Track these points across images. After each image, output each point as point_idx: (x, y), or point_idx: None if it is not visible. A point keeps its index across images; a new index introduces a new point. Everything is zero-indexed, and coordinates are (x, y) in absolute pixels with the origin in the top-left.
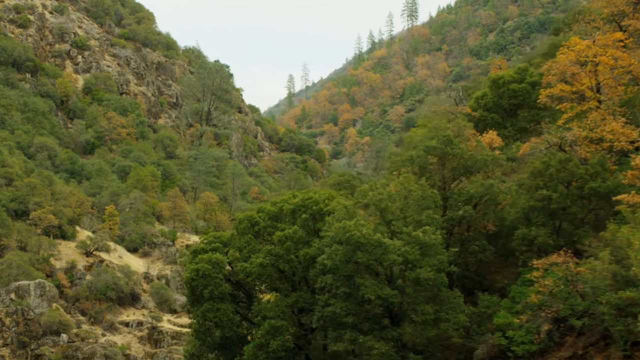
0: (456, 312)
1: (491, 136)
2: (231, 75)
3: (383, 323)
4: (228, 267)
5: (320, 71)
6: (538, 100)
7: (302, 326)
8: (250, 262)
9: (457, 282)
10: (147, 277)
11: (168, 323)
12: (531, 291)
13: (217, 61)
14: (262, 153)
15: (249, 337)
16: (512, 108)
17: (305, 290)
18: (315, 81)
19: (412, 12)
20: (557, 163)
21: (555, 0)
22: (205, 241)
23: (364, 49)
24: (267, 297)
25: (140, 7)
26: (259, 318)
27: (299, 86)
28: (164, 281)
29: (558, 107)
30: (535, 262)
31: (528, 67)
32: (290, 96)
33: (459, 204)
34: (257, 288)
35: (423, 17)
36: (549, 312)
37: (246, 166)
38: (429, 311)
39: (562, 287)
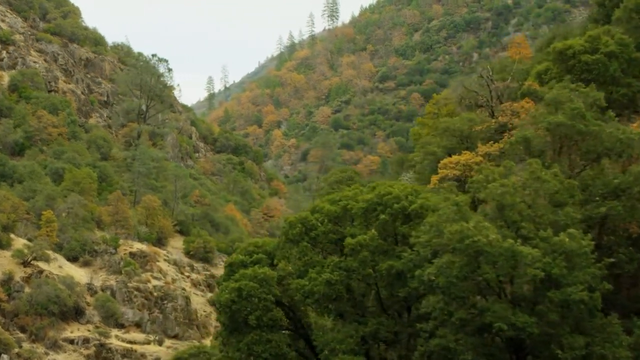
0: (614, 345)
1: None
2: (170, 69)
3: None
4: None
5: (233, 75)
6: None
7: None
8: (310, 279)
9: None
10: (90, 288)
11: (116, 339)
12: None
13: (154, 55)
14: (197, 154)
15: None
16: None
17: (385, 317)
18: (229, 85)
19: (333, 12)
20: None
21: None
22: (244, 252)
23: (283, 50)
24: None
25: (65, 1)
26: (326, 352)
27: (216, 88)
28: (109, 292)
29: None
30: None
31: (601, 35)
32: (211, 98)
33: (597, 198)
34: (310, 312)
35: (344, 17)
36: None
37: (183, 168)
38: (579, 344)
39: None
